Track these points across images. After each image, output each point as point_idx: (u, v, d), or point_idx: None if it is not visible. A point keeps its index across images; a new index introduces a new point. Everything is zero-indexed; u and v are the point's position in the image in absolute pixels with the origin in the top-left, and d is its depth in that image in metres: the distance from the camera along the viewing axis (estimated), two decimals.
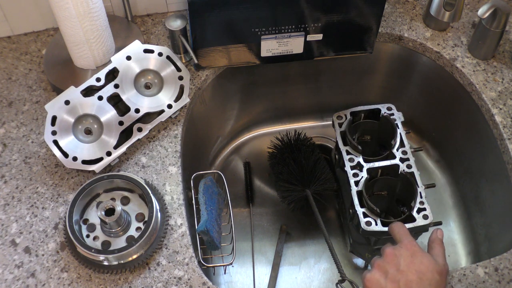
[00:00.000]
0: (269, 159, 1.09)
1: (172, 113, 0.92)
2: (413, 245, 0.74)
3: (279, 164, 1.04)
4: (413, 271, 0.70)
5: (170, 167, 0.89)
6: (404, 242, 0.74)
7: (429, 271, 0.70)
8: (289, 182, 1.01)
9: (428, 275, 0.70)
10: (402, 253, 0.72)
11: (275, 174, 1.05)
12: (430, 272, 0.70)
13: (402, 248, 0.73)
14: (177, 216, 0.84)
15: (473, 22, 1.06)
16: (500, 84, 0.98)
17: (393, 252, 0.73)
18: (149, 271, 0.79)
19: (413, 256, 0.72)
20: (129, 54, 0.92)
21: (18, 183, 0.87)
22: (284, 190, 1.01)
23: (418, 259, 0.72)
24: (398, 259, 0.72)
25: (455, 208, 1.12)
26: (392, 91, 1.16)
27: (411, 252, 0.72)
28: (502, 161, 0.93)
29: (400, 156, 0.93)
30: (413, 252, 0.72)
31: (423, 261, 0.71)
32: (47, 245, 0.81)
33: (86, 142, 0.86)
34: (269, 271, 1.04)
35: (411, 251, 0.73)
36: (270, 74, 1.10)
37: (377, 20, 0.95)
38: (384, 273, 0.71)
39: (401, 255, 0.72)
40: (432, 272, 0.70)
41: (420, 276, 0.70)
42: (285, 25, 0.93)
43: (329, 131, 1.19)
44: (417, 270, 0.70)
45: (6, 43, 1.02)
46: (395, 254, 0.73)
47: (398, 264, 0.71)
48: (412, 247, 0.73)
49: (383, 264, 0.72)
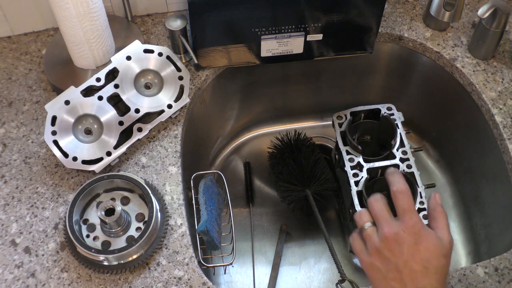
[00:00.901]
0: (269, 159, 1.09)
1: (172, 113, 0.92)
2: (417, 224, 0.65)
3: (279, 164, 1.04)
4: (417, 260, 0.63)
5: (170, 167, 0.89)
6: (407, 221, 0.65)
7: (435, 258, 0.64)
8: (289, 182, 1.01)
9: (434, 263, 0.63)
10: (405, 239, 0.64)
11: (275, 174, 1.05)
12: (436, 258, 0.64)
13: (404, 232, 0.64)
14: (177, 216, 0.84)
15: (473, 22, 1.06)
16: (500, 84, 0.98)
17: (394, 237, 0.64)
18: (149, 271, 0.79)
19: (417, 242, 0.64)
20: (129, 54, 0.92)
21: (18, 183, 0.87)
22: (284, 190, 1.01)
23: (423, 245, 0.64)
24: (401, 247, 0.64)
25: (455, 208, 1.12)
26: (392, 91, 1.16)
27: (415, 237, 0.64)
28: (502, 161, 0.93)
29: (400, 156, 0.93)
30: (417, 237, 0.64)
31: (428, 247, 0.64)
32: (47, 245, 0.81)
33: (86, 142, 0.86)
34: (269, 271, 1.04)
35: (415, 236, 0.64)
36: (270, 74, 1.10)
37: (377, 20, 0.96)
38: (384, 261, 0.64)
39: (404, 241, 0.64)
40: (438, 257, 0.64)
41: (425, 265, 0.63)
42: (285, 25, 0.93)
43: (329, 131, 1.19)
44: (422, 259, 0.63)
45: (6, 43, 1.02)
46: (397, 241, 0.64)
47: (401, 253, 0.63)
48: (416, 229, 0.64)
49: (383, 250, 0.65)
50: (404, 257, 0.63)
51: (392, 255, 0.64)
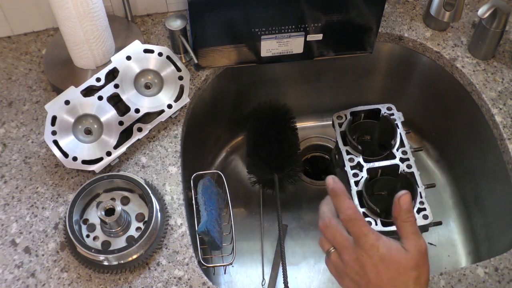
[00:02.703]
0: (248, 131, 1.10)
1: (172, 113, 0.92)
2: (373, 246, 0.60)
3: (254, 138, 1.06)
4: (385, 281, 0.60)
5: (170, 167, 0.89)
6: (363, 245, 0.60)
7: (401, 274, 0.60)
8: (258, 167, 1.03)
9: (402, 278, 0.60)
10: (366, 262, 0.60)
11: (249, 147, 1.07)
12: (403, 274, 0.60)
13: (363, 256, 0.60)
14: (177, 216, 0.84)
15: (473, 22, 1.06)
16: (500, 84, 0.98)
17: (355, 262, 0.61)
18: (149, 271, 0.79)
19: (378, 263, 0.60)
20: (129, 54, 0.92)
21: (18, 183, 0.87)
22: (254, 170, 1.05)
23: (385, 264, 0.60)
24: (365, 270, 0.60)
25: (455, 208, 1.12)
26: (392, 91, 1.16)
27: (376, 259, 0.60)
28: (502, 161, 0.93)
29: (400, 156, 0.93)
30: (377, 258, 0.60)
31: (390, 265, 0.60)
32: (47, 245, 0.81)
33: (86, 142, 0.86)
34: (269, 271, 1.04)
35: (375, 257, 0.60)
36: (270, 74, 1.10)
37: (377, 20, 0.95)
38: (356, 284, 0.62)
39: (365, 265, 0.60)
40: (406, 271, 0.60)
41: (393, 283, 0.60)
42: (285, 25, 0.93)
43: (329, 131, 1.19)
44: (389, 278, 0.60)
45: (6, 43, 1.02)
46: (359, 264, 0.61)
47: (367, 276, 0.60)
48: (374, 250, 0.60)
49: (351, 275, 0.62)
50: (371, 280, 0.60)
51: (360, 278, 0.61)
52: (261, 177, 1.04)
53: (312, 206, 1.12)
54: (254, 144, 1.05)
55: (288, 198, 1.11)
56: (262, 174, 1.03)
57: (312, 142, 1.21)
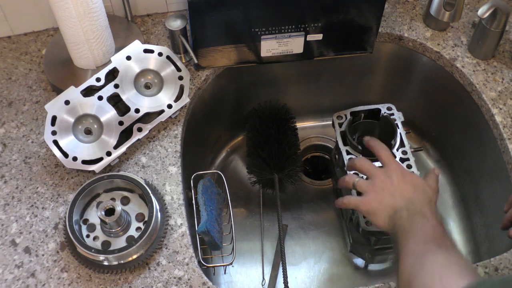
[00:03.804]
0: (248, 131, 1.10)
1: (172, 113, 0.92)
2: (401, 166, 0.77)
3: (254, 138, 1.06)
4: (407, 182, 0.74)
5: (170, 167, 0.89)
6: (392, 165, 0.77)
7: (421, 184, 0.75)
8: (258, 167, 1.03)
9: (421, 186, 0.74)
10: (392, 173, 0.76)
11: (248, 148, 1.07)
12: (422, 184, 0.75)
13: (391, 170, 0.76)
14: (177, 216, 0.84)
15: (473, 22, 1.06)
16: (500, 84, 0.98)
17: (384, 173, 0.76)
18: (149, 271, 0.79)
19: (403, 173, 0.76)
20: (129, 54, 0.92)
21: (18, 183, 0.87)
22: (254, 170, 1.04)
23: (408, 176, 0.76)
24: (391, 178, 0.75)
25: (455, 208, 1.12)
26: (392, 91, 1.16)
27: (401, 171, 0.76)
28: (502, 161, 0.93)
29: (400, 156, 0.93)
30: (402, 171, 0.76)
31: (414, 177, 0.76)
32: (47, 245, 0.81)
33: (86, 142, 0.86)
34: (269, 271, 1.04)
35: (400, 171, 0.76)
36: (270, 74, 1.10)
37: (377, 20, 0.95)
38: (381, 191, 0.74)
39: (393, 174, 0.75)
40: (424, 185, 0.75)
41: (414, 185, 0.74)
42: (285, 25, 0.93)
43: (329, 131, 1.19)
44: (410, 182, 0.75)
45: (6, 43, 1.02)
46: (386, 173, 0.76)
47: (391, 182, 0.75)
48: (401, 168, 0.77)
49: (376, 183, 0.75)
50: (394, 183, 0.74)
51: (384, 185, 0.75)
52: (261, 177, 1.04)
53: (312, 206, 1.12)
54: (254, 144, 1.05)
55: (288, 198, 1.12)
56: (262, 174, 1.03)
57: (312, 142, 1.21)
